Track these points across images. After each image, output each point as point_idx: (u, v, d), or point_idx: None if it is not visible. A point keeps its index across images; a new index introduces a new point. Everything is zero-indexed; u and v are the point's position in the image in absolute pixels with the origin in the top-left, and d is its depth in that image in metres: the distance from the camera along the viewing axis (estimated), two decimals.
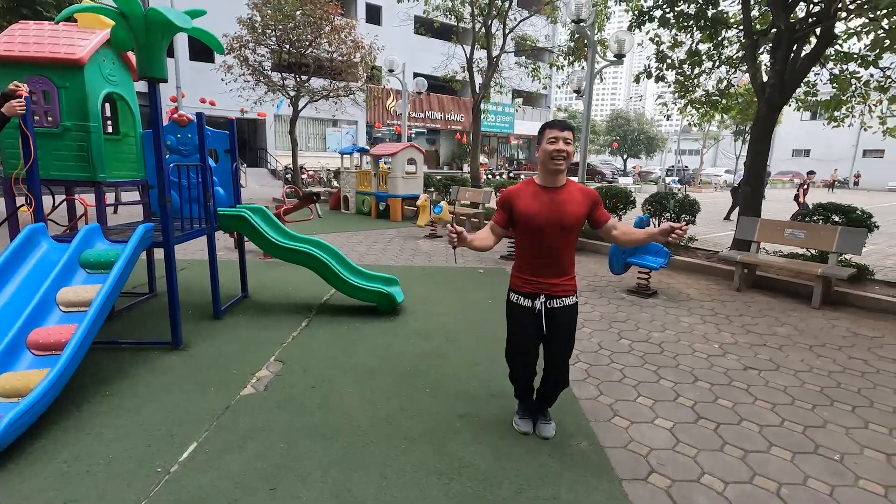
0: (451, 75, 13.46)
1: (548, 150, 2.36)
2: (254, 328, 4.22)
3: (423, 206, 8.90)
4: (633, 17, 9.36)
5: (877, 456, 2.62)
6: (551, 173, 2.40)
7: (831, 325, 4.79)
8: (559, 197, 2.40)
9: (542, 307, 2.46)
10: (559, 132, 2.35)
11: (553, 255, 2.43)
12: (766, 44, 7.60)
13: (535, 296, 2.47)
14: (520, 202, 2.41)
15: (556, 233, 2.39)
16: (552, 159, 2.35)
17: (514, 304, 2.55)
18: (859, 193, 31.86)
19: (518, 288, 2.52)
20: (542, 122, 2.52)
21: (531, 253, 2.46)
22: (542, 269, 2.45)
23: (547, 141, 2.37)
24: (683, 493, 2.26)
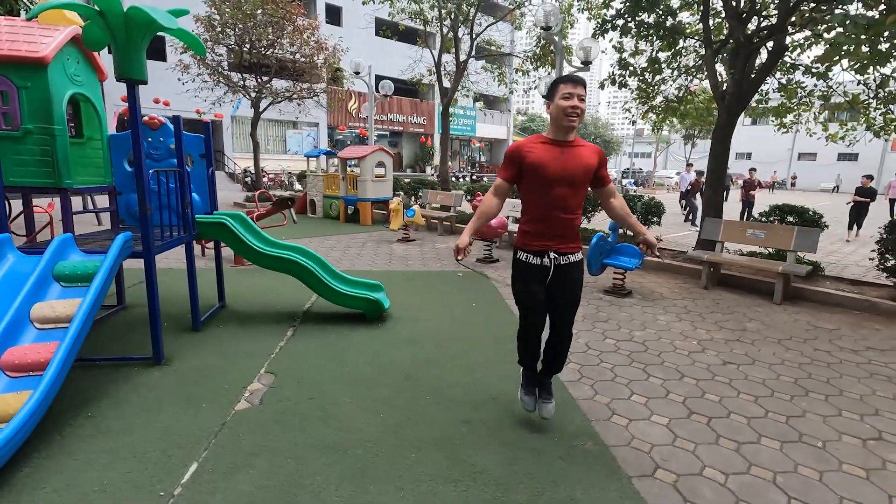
0: (418, 78, 13.44)
1: (562, 105, 2.34)
2: (238, 339, 4.07)
3: (396, 210, 8.85)
4: (596, 26, 9.67)
5: (854, 441, 2.82)
6: (564, 129, 2.40)
7: (793, 319, 5.11)
8: (570, 151, 2.42)
9: (551, 263, 2.47)
10: (573, 88, 2.33)
11: (561, 209, 2.43)
12: (724, 54, 8.02)
13: (543, 253, 2.48)
14: (530, 155, 2.41)
15: (567, 186, 2.41)
16: (566, 115, 2.34)
17: (522, 262, 2.54)
18: (796, 194, 34.06)
19: (526, 245, 2.52)
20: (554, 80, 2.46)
21: (540, 208, 2.46)
22: (551, 225, 2.45)
23: (561, 96, 2.34)
24: (690, 487, 2.36)
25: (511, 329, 4.47)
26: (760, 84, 7.06)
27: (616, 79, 9.89)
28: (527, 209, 2.54)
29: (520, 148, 2.46)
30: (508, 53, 12.50)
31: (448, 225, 10.37)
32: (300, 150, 26.79)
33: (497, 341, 4.22)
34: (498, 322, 4.75)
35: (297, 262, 4.31)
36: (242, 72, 14.28)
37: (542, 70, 11.89)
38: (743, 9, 7.05)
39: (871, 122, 8.07)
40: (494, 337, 4.32)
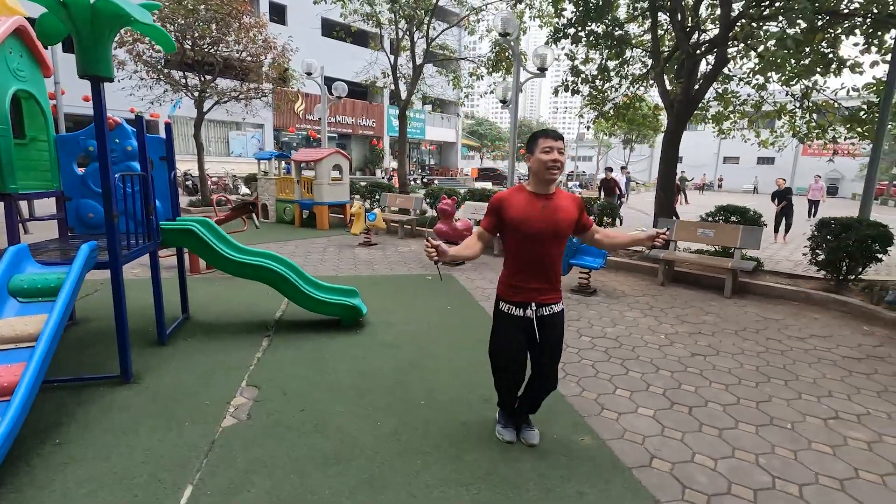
0: (372, 81, 13.29)
1: (543, 160, 2.34)
2: (210, 352, 3.86)
3: (357, 214, 8.71)
4: (549, 34, 10.00)
5: (816, 422, 3.08)
6: (545, 182, 2.40)
7: (744, 311, 5.51)
8: (552, 204, 2.41)
9: (533, 315, 2.46)
10: (553, 142, 2.35)
11: (545, 262, 2.44)
12: (672, 64, 8.52)
13: (525, 304, 2.46)
14: (512, 209, 2.39)
15: (550, 240, 2.41)
16: (548, 169, 2.35)
17: (504, 313, 2.51)
18: (723, 195, 36.65)
19: (509, 297, 2.49)
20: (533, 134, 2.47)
21: (523, 260, 2.44)
22: (534, 277, 2.44)
23: (541, 150, 2.35)
24: (685, 474, 2.49)
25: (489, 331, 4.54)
26: (705, 92, 7.58)
27: (569, 85, 10.27)
28: (509, 261, 2.52)
29: (502, 200, 2.44)
30: (464, 58, 12.63)
31: (409, 228, 10.33)
32: (244, 153, 25.75)
33: (479, 342, 4.23)
34: (475, 324, 4.79)
35: (272, 269, 4.15)
36: (184, 70, 13.51)
37: (496, 75, 12.11)
38: (688, 23, 7.54)
39: (797, 130, 8.86)
40: (475, 338, 4.35)
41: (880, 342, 4.62)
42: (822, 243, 6.28)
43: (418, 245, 9.32)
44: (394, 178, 27.39)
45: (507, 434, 2.73)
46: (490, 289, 6.14)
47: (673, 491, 2.36)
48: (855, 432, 2.96)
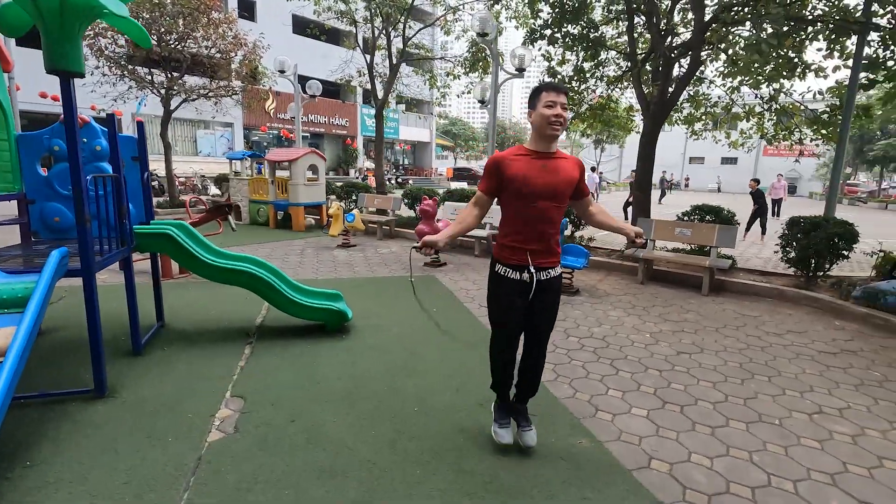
0: (347, 80, 13.08)
1: (545, 114, 2.24)
2: (189, 362, 3.68)
3: (335, 215, 8.54)
4: (526, 34, 10.05)
5: (802, 417, 3.16)
6: (546, 139, 2.31)
7: (722, 308, 5.64)
8: (553, 163, 2.33)
9: (531, 278, 2.37)
10: (556, 96, 2.25)
11: (544, 223, 2.36)
12: (648, 65, 8.68)
13: (522, 267, 2.37)
14: (512, 167, 2.30)
15: (550, 200, 2.33)
16: (549, 124, 2.25)
17: (500, 276, 2.42)
18: (689, 194, 37.74)
19: (505, 259, 2.41)
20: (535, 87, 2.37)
21: (521, 221, 2.36)
22: (532, 238, 2.36)
23: (544, 104, 2.25)
24: (684, 474, 2.51)
25: (478, 333, 4.51)
26: (681, 94, 7.75)
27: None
28: (507, 222, 2.44)
29: (500, 160, 2.34)
30: (441, 57, 12.58)
31: (388, 229, 10.21)
32: (213, 152, 25.04)
33: (467, 345, 4.21)
34: (464, 326, 4.74)
35: (254, 274, 4.00)
36: (150, 66, 13.00)
37: (473, 75, 12.10)
38: (663, 26, 7.69)
39: (765, 132, 9.16)
40: (464, 341, 4.31)
41: (851, 337, 4.79)
42: (793, 241, 6.50)
43: (398, 246, 9.22)
44: (369, 178, 27.14)
45: (504, 435, 2.62)
46: (474, 290, 6.11)
47: (674, 492, 2.36)
48: (839, 426, 3.05)
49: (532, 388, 2.66)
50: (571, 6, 9.30)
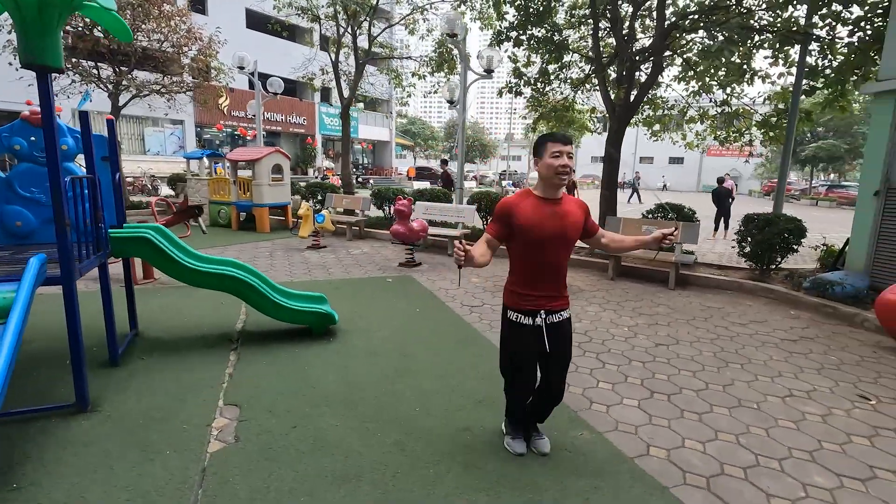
0: (310, 77, 12.80)
1: (552, 164, 2.31)
2: (172, 371, 3.53)
3: (305, 216, 8.37)
4: (493, 36, 10.19)
5: (776, 400, 3.40)
6: (554, 187, 2.37)
7: (689, 302, 5.95)
8: (560, 209, 2.38)
9: (543, 323, 2.41)
10: (562, 146, 2.32)
11: (554, 268, 2.41)
12: (613, 69, 9.00)
13: (535, 313, 2.41)
14: (521, 215, 2.33)
15: (559, 245, 2.38)
16: (557, 174, 2.31)
17: (514, 322, 2.44)
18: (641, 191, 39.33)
19: (519, 306, 2.43)
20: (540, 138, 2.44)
21: (532, 267, 2.40)
22: (543, 283, 2.41)
23: (551, 155, 2.31)
24: (682, 459, 2.65)
25: (464, 332, 4.56)
26: (644, 96, 8.09)
27: (512, 87, 10.54)
28: (517, 268, 2.46)
29: (510, 206, 2.37)
30: (408, 57, 12.52)
31: (357, 230, 10.08)
32: (163, 150, 23.85)
33: (458, 345, 4.25)
34: (450, 326, 4.78)
35: (238, 278, 3.87)
36: (96, 60, 12.24)
37: (438, 75, 12.14)
38: (626, 32, 8.00)
39: (718, 134, 9.71)
40: (454, 341, 4.35)
41: (807, 324, 5.18)
42: (748, 237, 6.93)
43: (369, 246, 9.14)
44: (329, 177, 26.65)
45: (517, 446, 2.65)
46: (453, 290, 6.15)
47: (675, 476, 2.50)
48: (809, 407, 3.30)
49: (544, 417, 2.71)
50: (536, 9, 9.51)
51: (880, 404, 3.38)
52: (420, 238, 7.55)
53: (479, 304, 5.54)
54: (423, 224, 7.49)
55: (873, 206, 6.11)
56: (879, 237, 6.06)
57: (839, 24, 7.67)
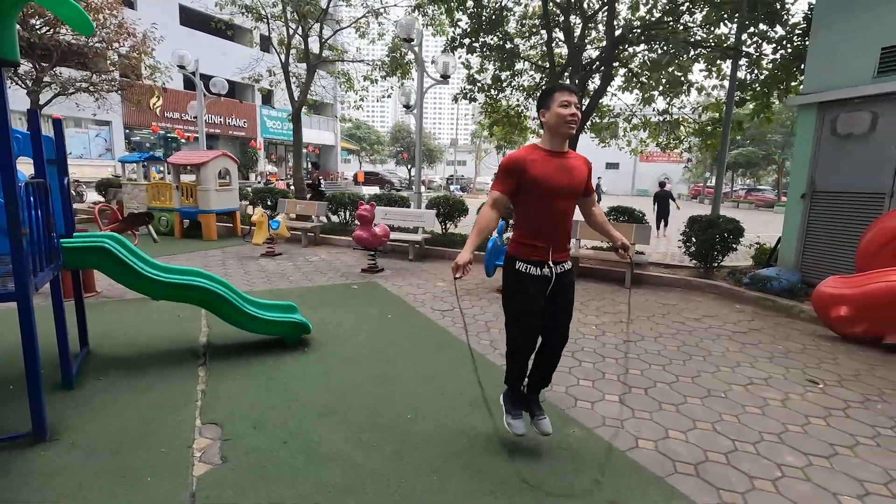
0: (257, 78, 12.31)
1: (562, 113, 2.32)
2: (137, 390, 3.27)
3: (259, 222, 8.03)
4: (446, 43, 10.30)
5: (739, 389, 3.65)
6: (561, 137, 2.39)
7: (646, 300, 6.27)
8: (567, 162, 2.42)
9: (551, 273, 2.45)
10: (570, 96, 2.34)
11: (561, 220, 2.45)
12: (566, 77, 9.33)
13: (542, 263, 2.43)
14: (532, 169, 2.34)
15: (567, 198, 2.42)
16: (566, 122, 2.33)
17: (521, 272, 2.44)
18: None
19: (527, 256, 2.44)
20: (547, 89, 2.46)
21: (540, 219, 2.42)
22: (551, 236, 2.44)
23: (559, 104, 2.33)
24: (668, 449, 2.79)
25: (442, 337, 4.55)
26: (597, 104, 8.46)
27: (466, 93, 10.69)
28: (525, 221, 2.47)
29: (519, 160, 2.37)
30: (360, 60, 12.34)
31: (313, 236, 9.80)
32: (86, 153, 22.08)
33: (437, 349, 4.24)
34: (425, 330, 4.75)
35: (209, 290, 3.66)
36: None
37: (391, 79, 12.08)
38: (578, 42, 8.34)
39: (659, 141, 10.34)
40: (432, 344, 4.33)
41: (752, 317, 5.61)
42: (693, 237, 7.42)
43: (327, 253, 8.91)
44: (273, 182, 25.74)
45: (518, 426, 2.64)
46: (421, 295, 6.13)
47: (666, 466, 2.62)
48: (769, 393, 3.58)
49: (547, 380, 2.73)
50: (488, 18, 9.71)
51: (827, 387, 3.72)
52: (381, 243, 7.46)
53: (449, 309, 5.55)
54: (385, 229, 7.41)
55: (801, 208, 6.74)
56: (807, 236, 6.68)
57: (765, 42, 8.42)
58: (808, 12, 7.74)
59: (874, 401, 3.51)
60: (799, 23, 7.90)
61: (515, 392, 2.72)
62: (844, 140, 6.23)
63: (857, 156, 6.10)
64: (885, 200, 5.78)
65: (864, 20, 5.97)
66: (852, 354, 4.46)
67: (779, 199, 33.76)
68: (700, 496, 2.37)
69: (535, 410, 2.73)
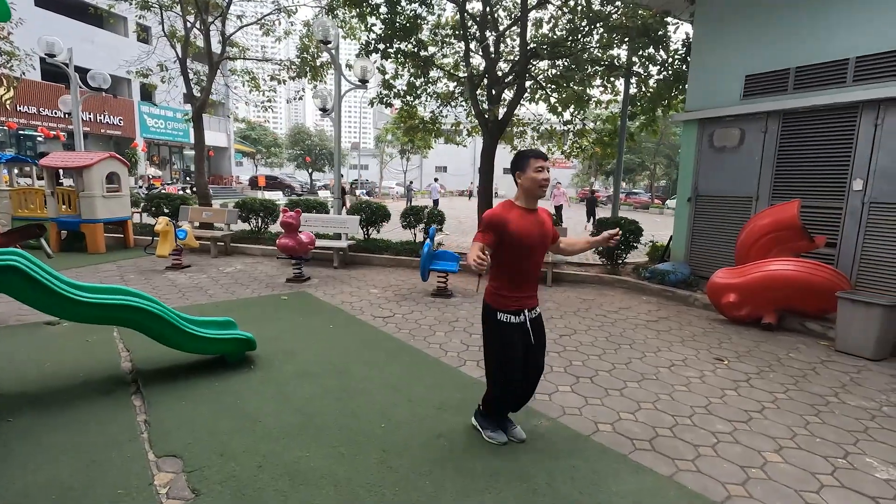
0: (146, 73, 11.06)
1: (537, 178, 2.59)
2: (63, 430, 2.85)
3: (165, 232, 7.29)
4: (361, 47, 10.20)
5: (665, 371, 4.14)
6: (535, 198, 2.66)
7: (568, 296, 6.79)
8: (538, 218, 2.68)
9: (526, 319, 2.69)
10: (543, 162, 2.62)
11: (534, 270, 2.72)
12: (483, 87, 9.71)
13: (520, 311, 2.67)
14: (511, 224, 2.56)
15: (539, 251, 2.68)
16: (540, 187, 2.61)
17: (504, 323, 2.65)
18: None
19: (507, 307, 2.65)
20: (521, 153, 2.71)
21: (517, 270, 2.65)
22: (525, 285, 2.69)
23: (534, 170, 2.59)
24: (624, 429, 3.10)
25: (390, 344, 4.57)
26: (513, 113, 8.95)
27: (382, 98, 10.67)
28: (504, 272, 2.66)
29: (501, 216, 2.58)
30: (267, 59, 11.64)
31: (223, 245, 9.11)
32: None
33: (390, 355, 4.24)
34: (372, 338, 4.71)
35: (141, 308, 3.29)
36: None
37: (303, 81, 11.62)
38: (494, 55, 8.77)
39: (564, 149, 11.20)
40: (384, 352, 4.32)
41: (658, 307, 6.35)
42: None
43: (242, 263, 8.35)
44: (157, 187, 23.35)
45: (498, 437, 2.87)
46: (357, 303, 6.03)
47: (627, 445, 2.92)
48: (689, 372, 4.11)
49: (528, 399, 2.94)
50: (402, 24, 9.80)
51: (731, 363, 4.37)
52: (307, 251, 7.19)
53: (389, 315, 5.54)
54: (311, 236, 7.15)
55: (687, 210, 7.75)
56: (693, 234, 7.71)
57: (651, 63, 9.55)
58: (687, 40, 8.94)
59: (767, 371, 4.21)
60: (678, 49, 9.09)
61: (499, 416, 2.91)
62: (720, 152, 7.30)
63: (730, 165, 7.18)
64: (753, 203, 6.89)
65: (731, 52, 7.06)
66: (742, 334, 5.26)
67: (652, 202, 38.14)
68: (661, 467, 2.69)
69: (507, 426, 2.96)
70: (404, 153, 39.65)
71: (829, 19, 6.01)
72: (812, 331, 5.38)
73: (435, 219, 9.21)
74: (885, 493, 2.54)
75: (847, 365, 4.43)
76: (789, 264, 5.37)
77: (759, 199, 6.80)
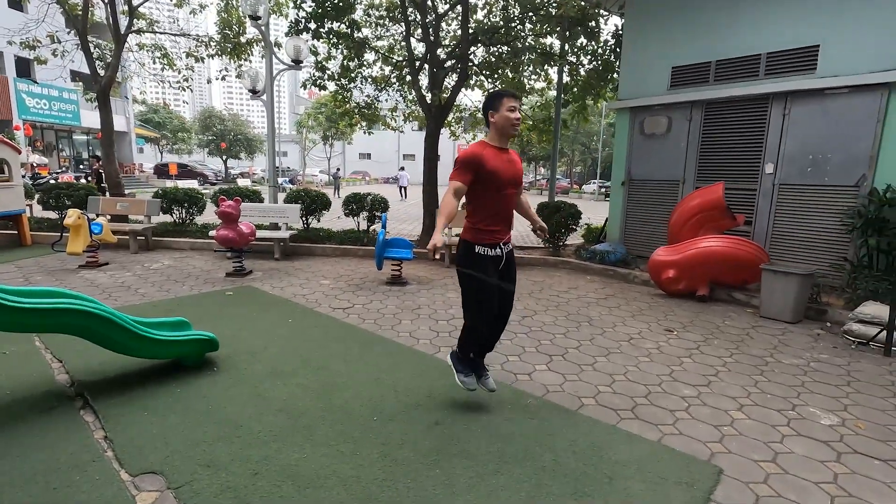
0: (34, 44, 9.55)
1: (510, 117, 2.73)
2: (15, 458, 2.45)
3: (78, 226, 6.46)
4: (290, 25, 9.63)
5: (627, 344, 4.41)
6: (507, 137, 2.82)
7: (519, 279, 6.93)
8: (510, 157, 2.87)
9: (502, 252, 2.87)
10: (516, 101, 2.76)
11: (509, 207, 2.89)
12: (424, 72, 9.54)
13: (495, 245, 2.84)
14: (488, 162, 2.71)
15: (514, 186, 2.85)
16: (513, 125, 2.76)
17: (481, 255, 2.80)
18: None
19: (483, 240, 2.81)
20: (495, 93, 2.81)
21: (493, 207, 2.80)
22: (500, 220, 2.85)
23: (507, 109, 2.73)
24: (606, 401, 3.27)
25: (358, 336, 4.44)
26: (456, 98, 8.90)
27: (316, 80, 10.17)
28: (480, 209, 2.82)
29: (477, 155, 2.73)
30: (186, 34, 10.50)
31: (144, 240, 8.27)
32: None
33: (362, 346, 4.12)
34: (338, 330, 4.54)
35: (88, 312, 2.89)
36: None
37: (225, 59, 10.73)
38: (433, 39, 8.65)
39: None
40: (356, 343, 4.18)
41: (604, 285, 6.73)
42: (544, 221, 8.47)
43: (169, 258, 7.64)
44: (44, 176, 20.68)
45: (470, 382, 3.02)
46: (308, 294, 5.77)
47: (612, 416, 3.08)
48: (647, 344, 4.41)
49: (492, 345, 3.15)
50: (333, 3, 9.37)
51: (679, 333, 4.75)
52: (247, 242, 6.74)
53: (349, 306, 5.36)
54: (251, 227, 6.70)
55: (622, 193, 8.25)
56: (627, 216, 8.23)
57: (582, 53, 9.95)
58: (617, 32, 9.40)
59: (711, 338, 4.63)
60: (608, 40, 9.55)
61: (466, 357, 3.04)
62: (650, 138, 7.82)
63: (659, 151, 7.72)
64: (680, 186, 7.47)
65: (659, 44, 7.55)
66: (682, 306, 5.73)
67: (571, 187, 40.16)
68: (648, 433, 2.87)
69: (481, 372, 3.09)
70: (327, 139, 38.26)
71: (744, 17, 6.61)
72: (738, 300, 5.99)
73: (379, 206, 9.01)
74: (832, 437, 2.90)
75: (773, 329, 4.99)
76: (719, 241, 5.91)
77: (686, 183, 7.39)
